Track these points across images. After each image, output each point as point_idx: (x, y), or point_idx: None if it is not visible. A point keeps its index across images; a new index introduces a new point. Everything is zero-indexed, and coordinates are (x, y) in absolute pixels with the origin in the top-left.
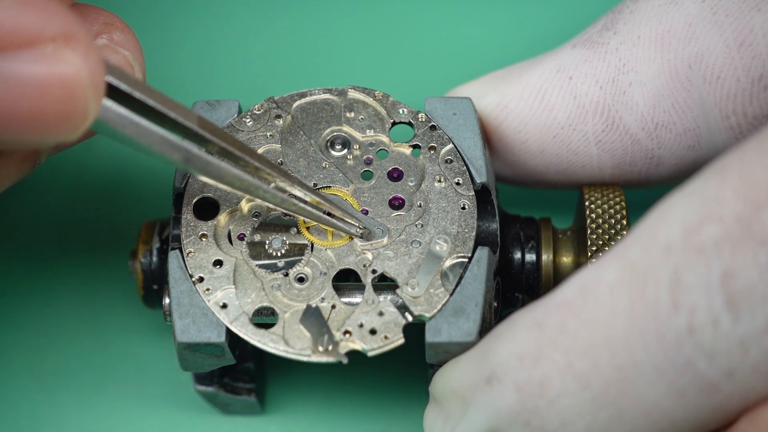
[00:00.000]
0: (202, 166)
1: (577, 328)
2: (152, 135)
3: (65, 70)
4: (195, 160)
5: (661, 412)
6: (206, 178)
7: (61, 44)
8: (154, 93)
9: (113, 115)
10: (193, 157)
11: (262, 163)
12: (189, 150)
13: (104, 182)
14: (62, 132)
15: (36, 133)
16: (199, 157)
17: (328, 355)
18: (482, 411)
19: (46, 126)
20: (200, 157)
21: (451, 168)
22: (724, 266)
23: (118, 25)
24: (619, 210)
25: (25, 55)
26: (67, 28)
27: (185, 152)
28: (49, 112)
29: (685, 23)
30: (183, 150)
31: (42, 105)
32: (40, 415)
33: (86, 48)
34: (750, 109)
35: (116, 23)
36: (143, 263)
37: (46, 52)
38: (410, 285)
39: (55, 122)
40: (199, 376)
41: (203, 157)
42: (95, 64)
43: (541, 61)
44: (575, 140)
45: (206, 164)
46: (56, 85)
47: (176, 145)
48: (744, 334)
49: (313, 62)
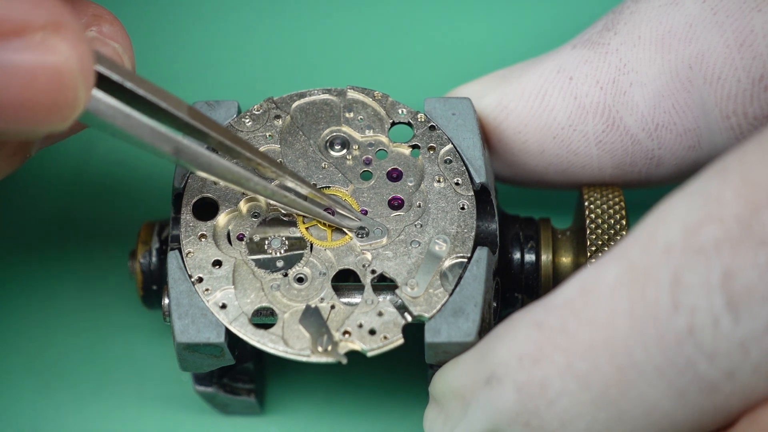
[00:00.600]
0: (192, 158)
1: (577, 329)
2: (142, 127)
3: (54, 59)
4: (185, 151)
5: (662, 412)
6: (198, 171)
7: (50, 33)
8: (145, 83)
9: (103, 106)
10: (184, 149)
11: (254, 154)
12: (179, 141)
13: (103, 182)
14: (52, 121)
15: (25, 122)
16: (189, 148)
17: (328, 355)
18: (482, 411)
19: (36, 115)
20: (190, 148)
21: (450, 168)
22: (724, 267)
23: (107, 17)
24: (618, 210)
25: (13, 44)
26: (56, 17)
27: (176, 143)
28: (38, 101)
29: (686, 24)
30: (173, 141)
31: (31, 94)
32: (40, 415)
33: (75, 37)
34: (750, 109)
35: (105, 15)
36: (142, 264)
37: (35, 41)
38: (409, 285)
39: (45, 112)
40: (198, 376)
41: (193, 149)
42: (84, 52)
43: (541, 61)
44: (575, 141)
45: (196, 156)
46: (45, 74)
47: (166, 136)
48: (744, 334)
49: (313, 62)
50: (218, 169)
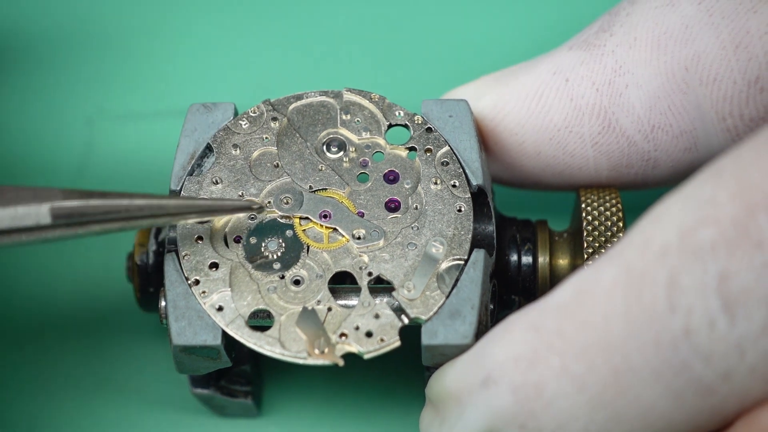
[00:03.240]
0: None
1: (573, 331)
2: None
3: None
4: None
5: (658, 414)
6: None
7: None
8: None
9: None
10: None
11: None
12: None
13: (102, 185)
14: None
15: None
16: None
17: (324, 357)
18: (478, 413)
19: None
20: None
21: (447, 170)
22: (720, 269)
23: None
24: (615, 212)
25: None
26: None
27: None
28: None
29: (682, 25)
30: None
31: None
32: (39, 416)
33: None
34: (746, 111)
35: None
36: (140, 266)
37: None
38: (406, 287)
39: None
40: (195, 378)
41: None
42: None
43: (537, 63)
44: (572, 142)
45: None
46: None
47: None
48: (740, 336)
49: (309, 64)
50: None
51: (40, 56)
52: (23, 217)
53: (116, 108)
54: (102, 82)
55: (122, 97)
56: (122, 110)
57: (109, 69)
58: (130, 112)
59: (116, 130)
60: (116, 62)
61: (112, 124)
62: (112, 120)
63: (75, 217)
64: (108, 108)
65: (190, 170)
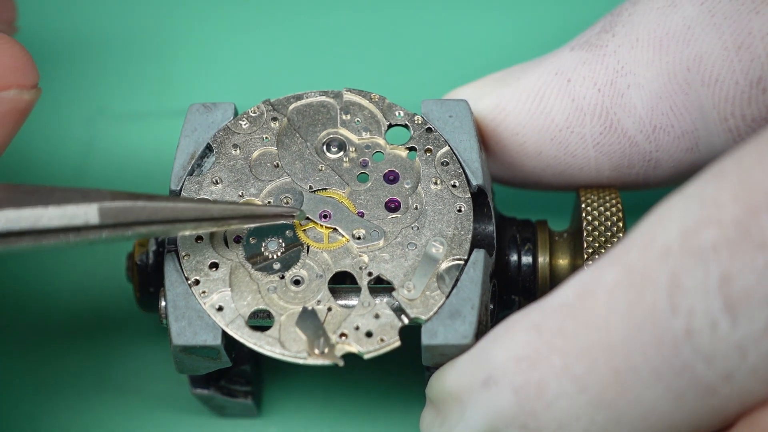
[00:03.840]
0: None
1: (574, 331)
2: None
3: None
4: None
5: (659, 415)
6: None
7: None
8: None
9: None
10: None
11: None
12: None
13: (102, 184)
14: None
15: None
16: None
17: (324, 357)
18: (479, 413)
19: None
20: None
21: (447, 170)
22: (722, 270)
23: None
24: (615, 212)
25: None
26: None
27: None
28: None
29: (684, 26)
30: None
31: None
32: (40, 416)
33: None
34: (748, 111)
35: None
36: (139, 266)
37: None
38: (406, 287)
39: None
40: (195, 379)
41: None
42: None
43: (539, 63)
44: (573, 143)
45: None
46: None
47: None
48: (742, 337)
49: (309, 64)
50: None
51: (40, 56)
52: (72, 216)
53: (116, 108)
54: (102, 82)
55: (122, 97)
56: (122, 110)
57: (110, 69)
58: (130, 111)
59: (116, 129)
60: (116, 62)
61: (112, 123)
62: (112, 120)
63: (122, 217)
64: (108, 108)
65: (190, 170)
